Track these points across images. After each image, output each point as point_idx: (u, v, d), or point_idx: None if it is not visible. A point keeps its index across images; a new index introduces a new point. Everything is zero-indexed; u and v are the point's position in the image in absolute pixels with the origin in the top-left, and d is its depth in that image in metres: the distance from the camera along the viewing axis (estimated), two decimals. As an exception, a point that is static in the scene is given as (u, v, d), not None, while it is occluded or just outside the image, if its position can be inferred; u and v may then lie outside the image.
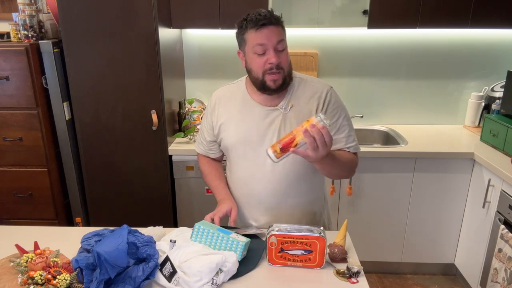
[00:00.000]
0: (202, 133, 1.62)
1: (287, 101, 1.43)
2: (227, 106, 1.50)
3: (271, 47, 1.32)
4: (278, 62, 1.33)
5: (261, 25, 1.31)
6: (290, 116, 1.42)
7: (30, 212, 2.51)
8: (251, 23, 1.33)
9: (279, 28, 1.34)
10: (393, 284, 2.66)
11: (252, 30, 1.33)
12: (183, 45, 2.84)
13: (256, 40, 1.33)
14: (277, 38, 1.32)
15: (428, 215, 2.55)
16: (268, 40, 1.32)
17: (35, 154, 2.39)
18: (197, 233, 1.34)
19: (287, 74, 1.38)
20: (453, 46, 2.77)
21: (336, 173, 1.48)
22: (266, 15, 1.32)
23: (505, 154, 2.30)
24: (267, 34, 1.31)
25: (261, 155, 1.42)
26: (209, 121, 1.55)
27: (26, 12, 2.31)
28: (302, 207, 1.52)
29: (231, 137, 1.48)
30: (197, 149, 1.68)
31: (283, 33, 1.36)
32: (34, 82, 2.27)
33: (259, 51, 1.33)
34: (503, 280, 2.01)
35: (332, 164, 1.34)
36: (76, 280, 1.19)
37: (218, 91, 1.56)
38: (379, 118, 2.96)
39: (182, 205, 2.56)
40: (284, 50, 1.35)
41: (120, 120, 2.36)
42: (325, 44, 2.81)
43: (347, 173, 1.50)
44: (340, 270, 1.28)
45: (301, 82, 1.46)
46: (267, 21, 1.31)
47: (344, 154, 1.43)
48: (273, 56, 1.32)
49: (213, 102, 1.54)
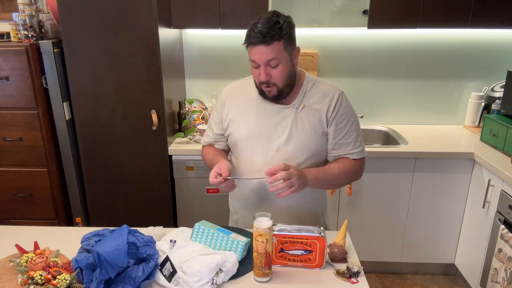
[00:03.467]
0: (210, 126, 1.62)
1: (299, 101, 1.45)
2: (238, 101, 1.51)
3: (262, 65, 1.33)
4: (268, 80, 1.35)
5: (250, 44, 1.31)
6: (301, 116, 1.43)
7: (30, 212, 2.51)
8: (246, 38, 1.33)
9: (272, 46, 1.29)
10: (393, 284, 2.66)
11: (247, 44, 1.34)
12: (183, 45, 2.84)
13: (250, 55, 1.36)
14: (268, 57, 1.30)
15: (428, 215, 2.55)
16: (258, 59, 1.32)
17: (35, 154, 2.39)
18: (197, 233, 1.34)
19: (282, 88, 1.39)
20: (453, 46, 2.77)
21: (333, 187, 1.57)
22: (261, 30, 1.27)
23: (505, 154, 2.30)
24: (257, 53, 1.31)
25: (269, 150, 1.44)
26: (219, 115, 1.55)
27: (26, 12, 2.31)
28: (306, 205, 1.53)
29: (240, 131, 1.48)
30: (202, 142, 1.67)
31: (278, 48, 1.30)
32: (34, 82, 2.27)
33: (253, 65, 1.37)
34: (503, 280, 2.01)
35: (322, 185, 1.45)
36: (76, 280, 1.19)
37: (230, 85, 1.58)
38: (379, 118, 2.96)
39: (182, 205, 2.56)
40: (278, 65, 1.33)
41: (120, 120, 2.36)
42: (325, 44, 2.81)
43: (347, 181, 1.53)
44: (340, 270, 1.28)
45: (314, 84, 1.47)
46: (257, 41, 1.28)
47: (337, 166, 1.45)
48: (263, 73, 1.34)
49: (224, 96, 1.55)
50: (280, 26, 1.29)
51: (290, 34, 1.33)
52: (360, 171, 1.52)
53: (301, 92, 1.45)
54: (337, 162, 1.47)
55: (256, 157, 1.45)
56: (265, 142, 1.44)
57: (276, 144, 1.43)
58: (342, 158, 1.47)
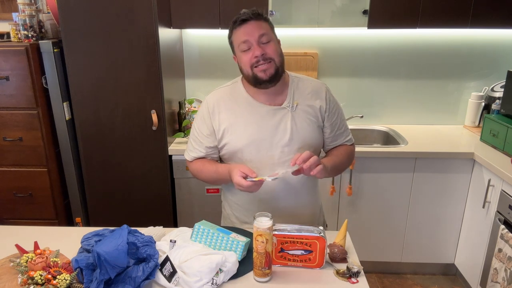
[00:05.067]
0: (196, 139, 1.51)
1: (291, 99, 1.45)
2: (229, 109, 1.46)
3: (254, 41, 1.35)
4: (263, 54, 1.35)
5: (241, 21, 1.36)
6: (298, 114, 1.44)
7: (30, 212, 2.51)
8: (233, 23, 1.39)
9: (260, 22, 1.36)
10: (393, 284, 2.66)
11: (235, 29, 1.38)
12: (183, 45, 2.84)
13: (240, 38, 1.37)
14: (259, 32, 1.35)
15: (428, 215, 2.55)
16: (250, 35, 1.35)
17: (35, 154, 2.39)
18: (197, 233, 1.34)
19: (278, 65, 1.39)
20: (453, 46, 2.77)
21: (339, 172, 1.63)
22: (246, 12, 1.36)
23: (505, 154, 2.30)
24: (248, 29, 1.35)
25: (273, 153, 1.43)
26: (208, 127, 1.47)
27: (26, 12, 2.31)
28: (310, 205, 1.55)
29: (240, 139, 1.44)
30: (188, 157, 1.56)
31: (267, 27, 1.38)
32: (34, 82, 2.27)
33: (244, 47, 1.37)
34: (503, 280, 2.01)
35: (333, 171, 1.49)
36: (76, 280, 1.19)
37: (213, 95, 1.50)
38: (379, 118, 2.95)
39: (182, 205, 2.56)
40: (269, 42, 1.37)
41: (120, 120, 2.36)
42: (325, 44, 2.81)
43: (348, 165, 1.60)
44: (340, 270, 1.28)
45: (298, 81, 1.50)
46: (246, 17, 1.35)
47: (340, 152, 1.54)
48: (257, 49, 1.35)
49: (210, 106, 1.47)
50: (262, 13, 1.39)
51: (272, 24, 1.42)
52: (353, 154, 1.62)
53: (289, 91, 1.46)
54: (337, 150, 1.55)
55: (260, 163, 1.43)
56: (268, 145, 1.43)
57: (280, 146, 1.43)
58: (340, 146, 1.56)
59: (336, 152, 1.54)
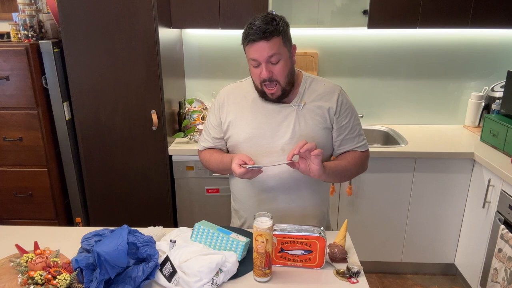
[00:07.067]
0: (207, 130, 1.59)
1: (300, 98, 1.45)
2: (237, 103, 1.50)
3: (263, 61, 1.33)
4: (270, 76, 1.34)
5: (250, 41, 1.31)
6: (304, 113, 1.44)
7: (30, 212, 2.51)
8: (243, 37, 1.34)
9: (272, 42, 1.30)
10: (393, 284, 2.66)
11: (246, 45, 1.34)
12: (183, 45, 2.84)
13: (249, 54, 1.35)
14: (268, 53, 1.31)
15: (428, 215, 2.55)
16: (259, 56, 1.32)
17: (35, 154, 2.39)
18: (197, 233, 1.34)
19: (284, 85, 1.39)
20: (453, 46, 2.77)
21: (345, 178, 1.53)
22: (260, 27, 1.28)
23: (505, 154, 2.30)
24: (257, 49, 1.31)
25: (272, 150, 1.43)
26: (217, 118, 1.53)
27: (26, 12, 2.31)
28: (313, 206, 1.54)
29: (242, 133, 1.46)
30: (200, 146, 1.63)
31: (279, 43, 1.31)
32: (34, 82, 2.27)
33: (253, 64, 1.36)
34: (503, 280, 2.01)
35: (335, 176, 1.42)
36: (76, 280, 1.19)
37: (227, 88, 1.56)
38: (379, 118, 2.96)
39: (182, 205, 2.56)
40: (279, 61, 1.34)
41: (120, 120, 2.36)
42: (325, 44, 2.81)
43: (356, 173, 1.53)
44: (340, 270, 1.28)
45: (312, 81, 1.48)
46: (257, 37, 1.29)
47: (346, 157, 1.48)
48: (264, 71, 1.33)
49: (221, 99, 1.53)
50: (277, 22, 1.31)
51: (286, 31, 1.35)
52: (366, 163, 1.55)
53: (300, 90, 1.46)
54: (345, 156, 1.49)
55: (259, 159, 1.43)
56: (268, 142, 1.44)
57: (280, 144, 1.43)
58: (349, 152, 1.50)
59: (342, 156, 1.50)
